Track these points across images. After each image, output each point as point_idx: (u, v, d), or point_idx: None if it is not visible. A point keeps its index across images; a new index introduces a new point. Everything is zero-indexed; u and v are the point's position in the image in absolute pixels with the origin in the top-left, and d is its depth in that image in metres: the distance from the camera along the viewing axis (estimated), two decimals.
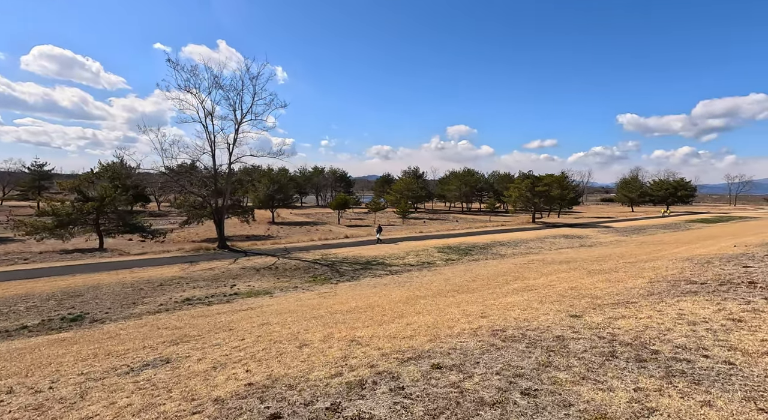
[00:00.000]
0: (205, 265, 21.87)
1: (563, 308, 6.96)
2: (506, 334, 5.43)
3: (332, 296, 12.85)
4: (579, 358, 4.13)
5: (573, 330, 5.28)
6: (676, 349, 4.11)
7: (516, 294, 9.40)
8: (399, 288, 13.48)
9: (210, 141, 25.50)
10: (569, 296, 8.20)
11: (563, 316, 6.24)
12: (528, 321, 6.14)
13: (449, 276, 16.16)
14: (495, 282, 12.50)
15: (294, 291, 15.94)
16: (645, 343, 4.41)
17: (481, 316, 6.91)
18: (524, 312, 6.97)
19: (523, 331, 5.52)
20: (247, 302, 13.50)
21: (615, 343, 4.52)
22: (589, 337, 4.85)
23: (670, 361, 3.80)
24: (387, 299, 10.70)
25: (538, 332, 5.35)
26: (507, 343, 4.98)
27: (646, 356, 3.98)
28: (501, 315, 6.87)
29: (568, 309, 6.83)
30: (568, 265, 15.87)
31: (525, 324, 5.93)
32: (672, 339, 4.46)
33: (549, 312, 6.73)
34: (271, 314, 9.82)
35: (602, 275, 11.47)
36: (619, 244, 29.42)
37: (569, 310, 6.68)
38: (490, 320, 6.50)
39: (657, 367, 3.67)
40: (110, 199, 26.82)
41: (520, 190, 50.32)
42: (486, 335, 5.46)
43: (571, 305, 7.16)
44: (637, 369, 3.66)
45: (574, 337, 4.95)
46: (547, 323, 5.86)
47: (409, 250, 27.66)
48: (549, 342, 4.83)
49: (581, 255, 21.55)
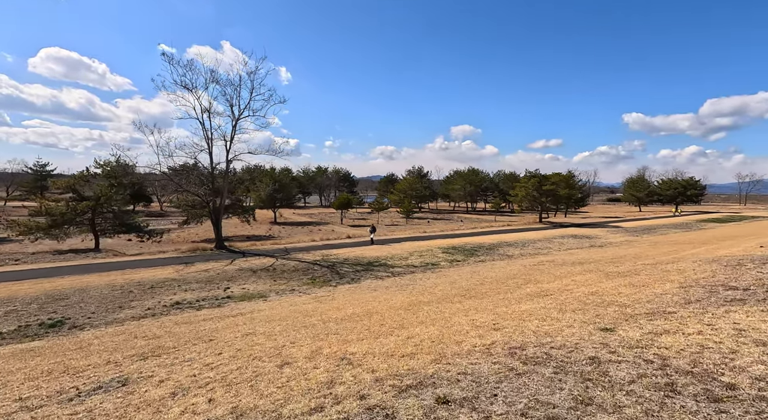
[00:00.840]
0: (200, 266, 21.07)
1: (589, 319, 6.00)
2: (526, 353, 4.49)
3: (329, 301, 11.95)
4: (627, 392, 3.19)
5: (609, 349, 4.33)
6: (757, 383, 3.16)
7: (530, 300, 8.45)
8: (401, 292, 12.56)
9: (207, 138, 24.75)
10: (592, 303, 7.24)
11: (591, 330, 5.29)
12: (550, 336, 5.20)
13: (455, 278, 15.21)
14: (505, 286, 11.54)
15: (290, 294, 15.07)
16: (710, 372, 3.46)
17: (494, 328, 5.97)
18: (543, 323, 6.03)
19: (546, 349, 4.58)
20: (238, 307, 12.64)
21: (669, 371, 3.57)
22: (632, 361, 3.91)
23: (757, 402, 2.85)
24: (387, 305, 9.79)
25: (565, 351, 4.41)
26: (529, 366, 4.04)
27: (720, 393, 3.03)
28: (516, 327, 5.93)
29: (595, 320, 5.88)
30: (582, 267, 14.86)
31: (547, 340, 4.99)
32: (745, 367, 3.51)
33: (573, 323, 5.78)
34: (260, 322, 8.94)
35: (623, 278, 10.47)
36: (630, 245, 28.28)
37: (597, 322, 5.73)
38: (505, 334, 5.56)
39: (742, 411, 2.72)
40: (106, 199, 26.14)
41: (527, 190, 49.18)
42: (502, 354, 4.53)
43: (597, 315, 6.20)
44: (714, 414, 2.72)
45: (612, 359, 4.01)
46: (574, 339, 4.92)
47: (413, 250, 26.73)
48: (582, 366, 3.89)
49: (593, 256, 20.50)
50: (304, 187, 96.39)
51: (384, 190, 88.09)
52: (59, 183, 26.34)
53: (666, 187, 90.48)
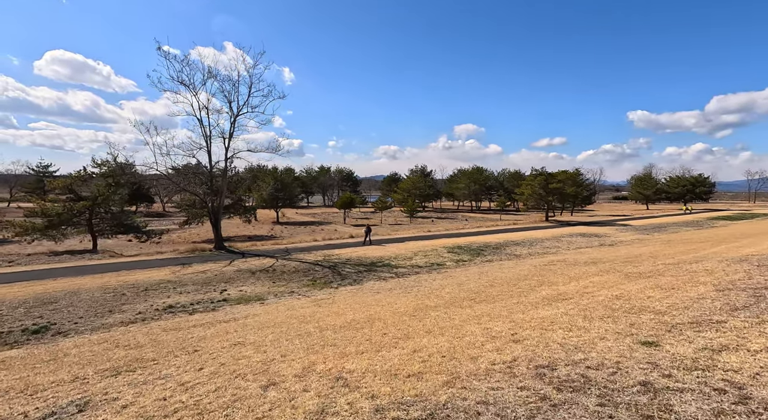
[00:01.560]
0: (197, 267, 20.43)
1: (622, 329, 5.21)
2: (557, 374, 3.72)
3: (328, 304, 11.21)
4: None
5: (661, 371, 3.55)
6: None
7: (549, 305, 7.65)
8: (405, 295, 11.80)
9: (205, 136, 24.11)
10: (621, 310, 6.44)
11: (630, 344, 4.51)
12: (582, 350, 4.42)
13: (462, 280, 14.43)
14: (517, 288, 10.74)
15: (289, 297, 14.35)
16: None
17: (513, 340, 5.20)
18: (569, 333, 5.24)
19: (581, 369, 3.81)
20: (233, 311, 11.94)
21: (754, 405, 2.78)
22: (697, 389, 3.12)
23: None
24: (391, 310, 9.03)
25: (606, 373, 3.63)
26: (565, 393, 3.27)
27: None
28: (539, 338, 5.15)
29: (631, 330, 5.08)
30: (597, 267, 14.02)
31: (580, 356, 4.21)
32: None
33: (605, 335, 4.99)
34: (252, 329, 8.22)
35: (646, 280, 9.65)
36: (643, 243, 27.32)
37: (633, 333, 4.94)
38: (527, 347, 4.79)
39: None
40: (103, 199, 25.59)
41: (533, 188, 48.20)
42: (528, 376, 3.76)
43: (632, 324, 5.41)
44: None
45: (670, 386, 3.23)
46: (613, 355, 4.14)
47: (417, 250, 25.95)
48: (634, 395, 3.11)
49: (606, 255, 19.62)
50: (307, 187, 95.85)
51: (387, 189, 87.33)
52: (55, 183, 25.83)
53: (674, 185, 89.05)
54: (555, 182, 47.51)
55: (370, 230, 30.09)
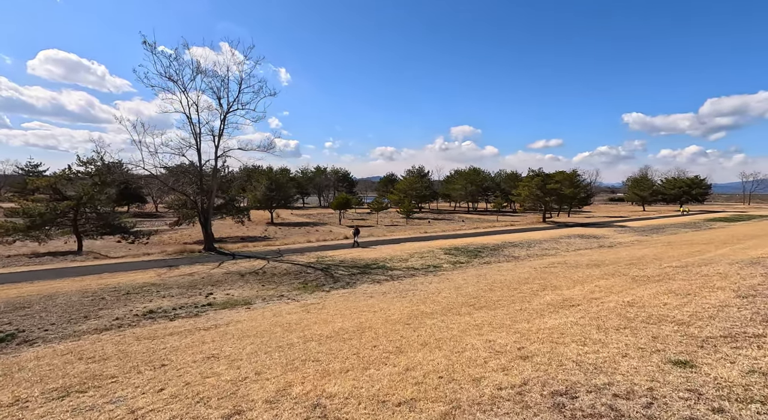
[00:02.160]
0: (184, 269, 19.62)
1: (645, 343, 4.56)
2: (580, 405, 3.05)
3: (317, 310, 10.50)
4: None
5: (709, 404, 2.89)
6: None
7: (555, 312, 7.00)
8: (400, 299, 11.11)
9: (195, 134, 23.31)
10: (638, 319, 5.79)
11: (658, 363, 3.85)
12: (603, 371, 3.76)
13: (460, 283, 13.77)
14: (518, 292, 10.09)
15: (277, 301, 13.62)
16: None
17: (520, 356, 4.53)
18: (584, 348, 4.58)
19: (607, 398, 3.14)
20: (216, 317, 11.20)
21: None
22: None
23: None
24: (383, 317, 8.34)
25: (639, 404, 2.97)
26: None
27: None
28: (551, 354, 4.49)
29: (655, 345, 4.43)
30: (601, 270, 13.41)
31: (602, 380, 3.55)
32: None
33: (627, 351, 4.33)
34: (231, 338, 7.49)
35: (656, 284, 9.03)
36: (643, 245, 26.82)
37: (659, 349, 4.29)
38: (538, 366, 4.12)
39: None
40: (88, 198, 24.69)
41: (530, 189, 47.73)
42: (544, 406, 3.09)
43: (654, 337, 4.76)
44: None
45: None
46: (642, 379, 3.47)
47: (413, 251, 25.29)
48: None
49: (607, 257, 19.05)
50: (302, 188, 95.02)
51: (384, 190, 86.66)
52: (38, 182, 24.91)
53: (670, 186, 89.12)
54: (552, 183, 47.08)
55: (358, 232, 29.25)
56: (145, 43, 19.98)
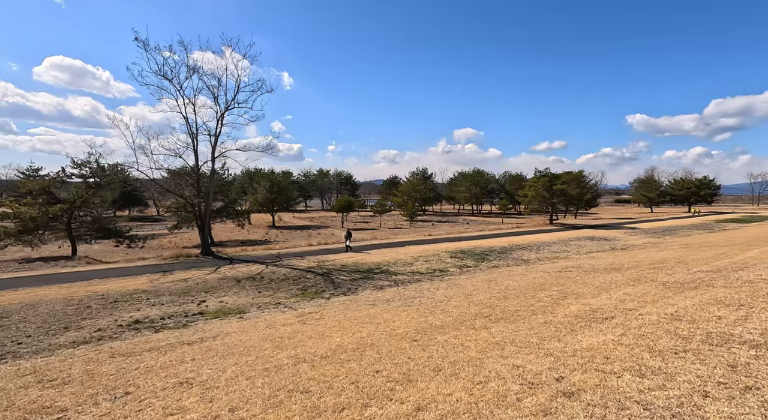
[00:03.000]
0: (179, 274, 18.75)
1: (723, 374, 3.57)
2: None
3: (315, 321, 9.54)
4: None
5: None
6: None
7: (588, 327, 6.01)
8: (405, 308, 10.13)
9: (191, 134, 22.52)
10: (695, 338, 4.79)
11: (759, 407, 2.86)
12: None
13: (470, 289, 12.77)
14: (537, 300, 9.08)
15: (273, 309, 12.68)
16: None
17: (563, 392, 3.54)
18: (644, 381, 3.60)
19: None
20: (205, 328, 10.27)
21: None
22: None
23: None
24: (387, 331, 7.37)
25: None
26: None
27: None
28: (601, 388, 3.50)
29: (739, 378, 3.44)
30: (623, 275, 12.37)
31: None
32: None
33: (705, 387, 3.34)
34: (213, 357, 6.55)
35: (695, 292, 8.01)
36: (658, 247, 25.67)
37: (749, 385, 3.30)
38: (590, 408, 3.15)
39: None
40: (82, 202, 23.93)
41: (537, 189, 46.61)
42: None
43: (731, 365, 3.76)
44: None
45: None
46: None
47: (418, 254, 24.31)
48: None
49: (624, 260, 17.97)
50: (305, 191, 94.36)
51: (387, 192, 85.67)
52: (30, 185, 24.19)
53: (678, 187, 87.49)
54: (559, 183, 45.95)
55: (350, 235, 27.71)
56: (137, 39, 19.27)
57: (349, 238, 27.10)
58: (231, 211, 36.70)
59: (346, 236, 27.31)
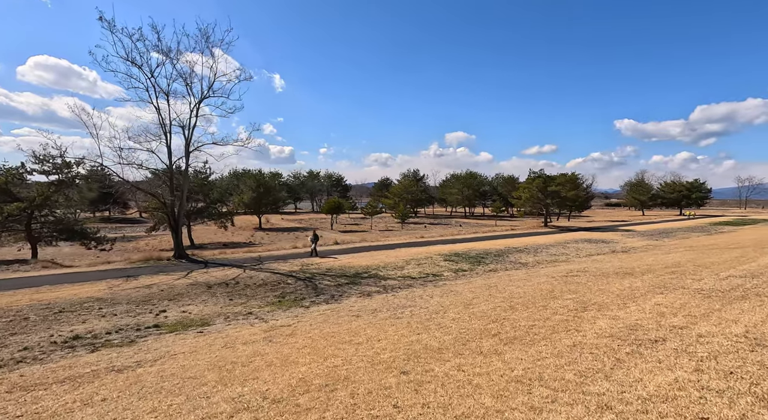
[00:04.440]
0: (144, 280, 16.84)
1: None
2: None
3: (284, 338, 7.85)
4: None
5: None
6: None
7: (638, 355, 4.45)
8: (394, 321, 8.50)
9: (161, 124, 20.63)
10: None
11: None
12: None
13: (468, 297, 11.19)
14: (551, 312, 7.53)
15: (242, 321, 10.94)
16: None
17: None
18: None
19: None
20: (151, 347, 8.50)
21: None
22: None
23: None
24: (368, 356, 5.73)
25: None
26: None
27: None
28: None
29: None
30: (640, 281, 10.92)
31: None
32: None
33: None
34: (128, 399, 4.84)
35: (751, 303, 6.55)
36: (661, 250, 24.49)
37: None
38: None
39: None
40: (43, 200, 21.83)
41: (531, 191, 45.47)
42: None
43: None
44: None
45: None
46: None
47: (410, 257, 22.72)
48: None
49: (632, 264, 16.61)
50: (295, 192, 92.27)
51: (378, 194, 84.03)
52: None
53: (669, 190, 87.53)
54: (554, 185, 44.89)
55: (317, 238, 24.59)
56: (102, 19, 17.36)
57: (315, 241, 24.23)
58: (213, 211, 34.73)
59: (312, 239, 24.31)
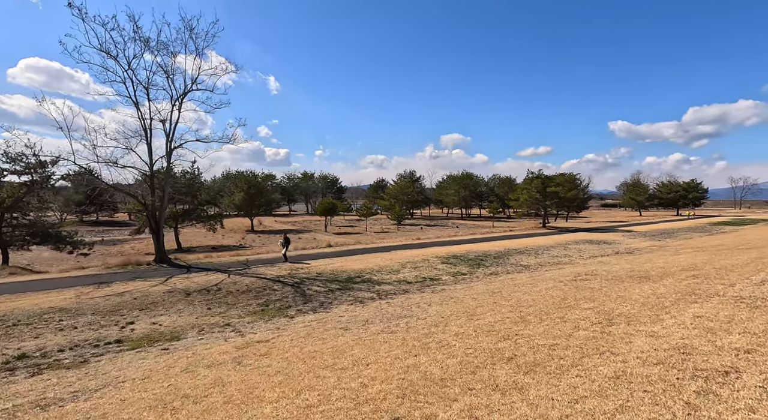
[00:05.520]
0: (117, 287, 15.52)
1: None
2: None
3: (256, 360, 6.64)
4: None
5: None
6: None
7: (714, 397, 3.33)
8: (387, 338, 7.31)
9: (141, 119, 19.32)
10: None
11: None
12: None
13: (471, 305, 10.03)
14: (572, 326, 6.39)
15: (217, 334, 9.69)
16: None
17: None
18: None
19: None
20: (101, 370, 7.25)
21: None
22: None
23: None
24: (352, 389, 4.53)
25: None
26: None
27: None
28: None
29: None
30: (663, 286, 9.83)
31: None
32: None
33: None
34: None
35: None
36: (669, 251, 23.52)
37: None
38: None
39: None
40: (13, 202, 20.42)
41: (530, 192, 44.51)
42: None
43: None
44: None
45: None
46: None
47: (406, 260, 21.55)
48: None
49: (642, 266, 15.54)
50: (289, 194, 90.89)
51: (374, 196, 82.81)
52: None
53: (666, 191, 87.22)
54: (553, 185, 43.96)
55: (288, 242, 22.47)
56: (71, 5, 16.07)
57: (286, 246, 22.04)
58: (201, 214, 33.37)
59: (283, 244, 22.11)
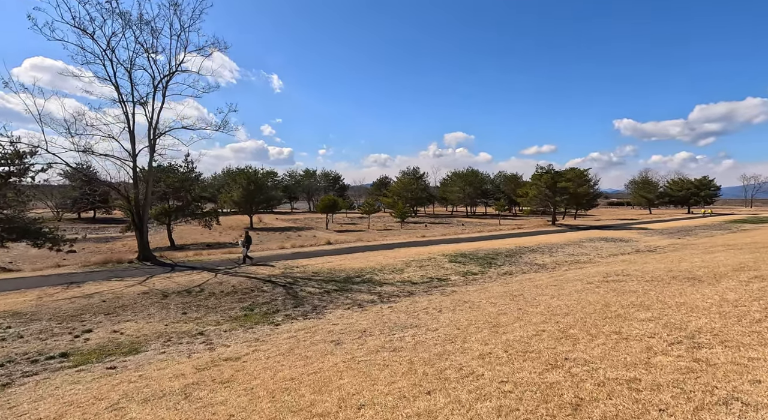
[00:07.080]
0: (88, 287, 13.93)
1: None
2: None
3: (212, 393, 4.95)
4: None
5: None
6: None
7: None
8: (388, 360, 5.60)
9: (122, 104, 17.74)
10: None
11: None
12: None
13: (490, 311, 8.30)
14: (643, 348, 4.68)
15: (184, 346, 8.04)
16: None
17: None
18: None
19: None
20: (19, 398, 5.63)
21: None
22: None
23: None
24: None
25: None
26: None
27: None
28: None
29: None
30: (736, 293, 8.05)
31: None
32: None
33: None
34: None
35: None
36: (694, 249, 21.63)
37: None
38: None
39: None
40: None
41: (539, 187, 42.60)
42: None
43: None
44: None
45: None
46: None
47: (410, 259, 19.85)
48: None
49: (679, 265, 13.71)
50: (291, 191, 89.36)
51: (377, 193, 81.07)
52: None
53: (677, 188, 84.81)
54: (563, 180, 42.04)
55: (249, 241, 19.42)
56: None
57: (247, 245, 19.05)
58: (195, 210, 31.84)
59: (243, 243, 19.02)
